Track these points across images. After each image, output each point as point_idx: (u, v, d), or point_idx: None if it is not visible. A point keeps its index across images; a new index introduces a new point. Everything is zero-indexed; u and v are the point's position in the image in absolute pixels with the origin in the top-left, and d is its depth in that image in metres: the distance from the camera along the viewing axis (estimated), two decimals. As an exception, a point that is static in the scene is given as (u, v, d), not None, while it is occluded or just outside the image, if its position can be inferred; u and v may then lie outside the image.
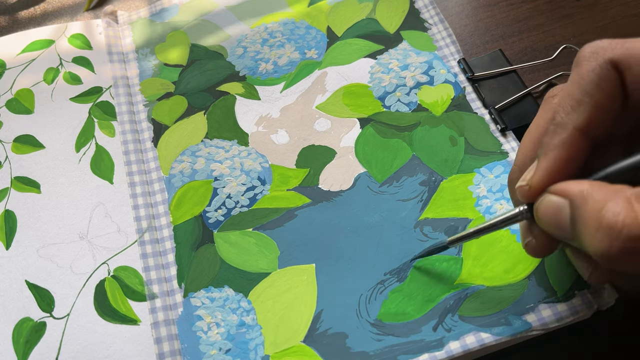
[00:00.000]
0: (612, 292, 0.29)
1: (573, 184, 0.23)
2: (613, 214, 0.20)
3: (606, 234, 0.20)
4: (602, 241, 0.20)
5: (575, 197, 0.22)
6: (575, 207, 0.22)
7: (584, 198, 0.21)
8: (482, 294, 0.31)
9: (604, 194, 0.21)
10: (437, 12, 0.42)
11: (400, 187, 0.35)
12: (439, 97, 0.38)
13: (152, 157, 0.39)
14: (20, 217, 0.37)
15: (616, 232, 0.20)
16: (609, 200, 0.20)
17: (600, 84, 0.23)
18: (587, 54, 0.24)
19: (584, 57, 0.24)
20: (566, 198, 0.22)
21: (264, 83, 0.41)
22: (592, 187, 0.22)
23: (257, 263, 0.34)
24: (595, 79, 0.23)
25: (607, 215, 0.20)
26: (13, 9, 0.49)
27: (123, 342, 0.32)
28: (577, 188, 0.22)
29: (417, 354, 0.29)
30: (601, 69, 0.23)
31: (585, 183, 0.22)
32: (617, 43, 0.24)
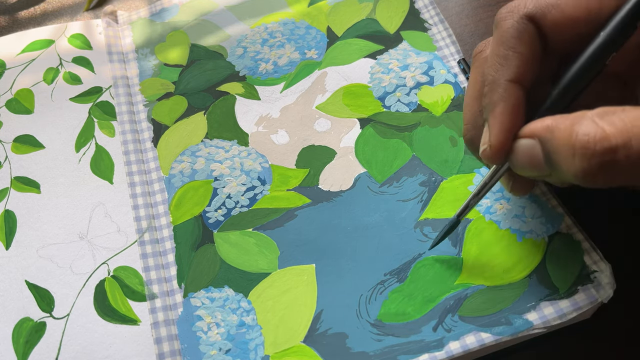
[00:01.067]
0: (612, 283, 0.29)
1: (537, 122, 0.24)
2: (583, 135, 0.21)
3: (582, 154, 0.21)
4: (581, 162, 0.21)
5: (542, 133, 0.23)
6: (545, 142, 0.23)
7: (551, 131, 0.23)
8: (483, 294, 0.31)
9: (568, 122, 0.22)
10: (437, 12, 0.42)
11: (400, 187, 0.35)
12: (439, 98, 0.38)
13: (152, 157, 0.39)
14: (20, 217, 0.37)
15: (591, 150, 0.21)
16: (574, 124, 0.22)
17: (520, 37, 0.26)
18: (504, 14, 0.27)
19: (501, 17, 0.27)
20: (534, 137, 0.24)
21: (264, 83, 0.41)
22: (555, 120, 0.23)
23: (257, 263, 0.34)
24: (515, 33, 0.26)
25: (578, 137, 0.21)
26: (13, 9, 0.49)
27: (123, 342, 0.32)
28: (541, 125, 0.24)
29: (417, 354, 0.29)
30: (519, 24, 0.26)
31: (548, 119, 0.24)
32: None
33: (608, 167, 0.21)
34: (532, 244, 0.32)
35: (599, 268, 0.30)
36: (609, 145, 0.21)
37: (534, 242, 0.32)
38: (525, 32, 0.26)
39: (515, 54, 0.26)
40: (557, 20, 0.26)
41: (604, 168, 0.21)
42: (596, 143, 0.21)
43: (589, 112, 0.22)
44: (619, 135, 0.21)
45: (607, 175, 0.21)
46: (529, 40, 0.26)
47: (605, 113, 0.22)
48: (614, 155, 0.21)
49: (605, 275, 0.29)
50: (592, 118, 0.21)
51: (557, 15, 0.25)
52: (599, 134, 0.21)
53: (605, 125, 0.21)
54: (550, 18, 0.26)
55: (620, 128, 0.21)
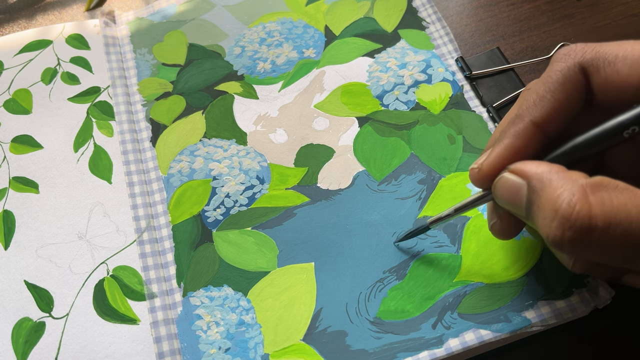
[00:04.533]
0: (608, 290, 0.29)
1: (532, 165, 0.24)
2: (568, 204, 0.21)
3: (560, 222, 0.21)
4: (556, 229, 0.21)
5: (534, 180, 0.23)
6: (533, 191, 0.23)
7: (542, 182, 0.22)
8: (481, 292, 0.31)
9: (562, 182, 0.22)
10: (434, 10, 0.42)
11: (398, 185, 0.35)
12: (437, 96, 0.38)
13: (151, 157, 0.39)
14: (18, 217, 0.37)
15: (570, 222, 0.21)
16: (565, 190, 0.21)
17: (565, 83, 0.25)
18: (561, 55, 0.26)
19: (557, 58, 0.26)
20: (524, 179, 0.23)
21: (262, 82, 0.41)
22: (550, 172, 0.22)
23: (256, 262, 0.34)
24: (561, 79, 0.25)
25: (563, 205, 0.21)
26: (12, 9, 0.49)
27: (122, 342, 0.32)
28: (535, 170, 0.23)
29: (416, 351, 0.30)
30: (568, 70, 0.25)
31: (544, 165, 0.23)
32: (589, 47, 0.25)
33: (579, 243, 0.21)
34: (529, 243, 0.32)
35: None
36: (587, 225, 0.20)
37: (531, 242, 0.32)
38: (571, 81, 0.25)
39: (551, 99, 0.25)
40: (608, 78, 0.24)
41: (574, 242, 0.21)
42: (577, 219, 0.21)
43: (584, 179, 0.22)
44: (602, 218, 0.20)
45: (575, 248, 0.21)
46: (571, 89, 0.25)
47: (601, 186, 0.21)
48: (589, 234, 0.21)
49: (599, 283, 0.29)
50: (584, 187, 0.21)
51: (610, 73, 0.24)
52: (583, 210, 0.21)
53: (594, 201, 0.21)
54: (603, 74, 0.25)
55: (606, 210, 0.20)
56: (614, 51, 0.25)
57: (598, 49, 0.25)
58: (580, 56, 0.25)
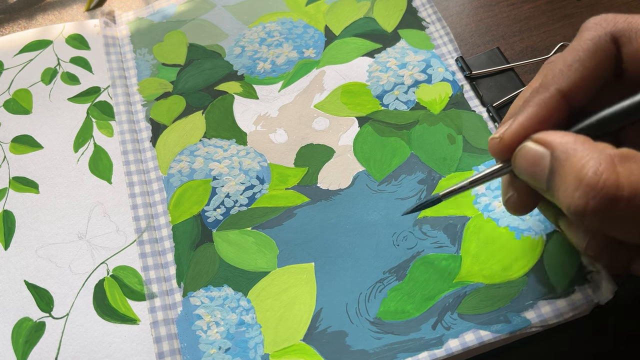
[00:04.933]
0: (611, 286, 0.29)
1: (557, 135, 0.23)
2: (595, 173, 0.20)
3: (584, 191, 0.20)
4: (579, 198, 0.20)
5: (557, 150, 0.22)
6: (556, 160, 0.22)
7: (567, 152, 0.21)
8: (481, 292, 0.31)
9: (588, 151, 0.21)
10: (434, 10, 0.42)
11: (398, 185, 0.35)
12: (437, 96, 0.38)
13: (151, 157, 0.39)
14: (18, 218, 0.37)
15: (595, 190, 0.20)
16: (591, 158, 0.21)
17: (596, 52, 0.24)
18: (591, 24, 0.25)
19: (587, 27, 0.25)
20: (548, 149, 0.23)
21: (262, 82, 0.41)
22: (575, 142, 0.22)
23: (256, 262, 0.34)
24: (592, 47, 0.24)
25: (589, 173, 0.20)
26: (12, 9, 0.49)
27: (122, 342, 0.32)
28: (560, 140, 0.22)
29: (416, 352, 0.30)
30: (600, 39, 0.24)
31: (569, 135, 0.22)
32: (621, 17, 0.24)
33: (603, 212, 0.20)
34: (530, 242, 0.32)
35: (595, 268, 0.30)
36: (613, 194, 0.20)
37: (532, 240, 0.32)
38: (602, 50, 0.24)
39: (580, 68, 0.24)
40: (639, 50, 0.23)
41: (598, 211, 0.20)
42: (604, 187, 0.20)
43: (612, 149, 0.21)
44: (629, 188, 0.20)
45: (598, 219, 0.21)
46: (602, 59, 0.24)
47: (629, 157, 0.20)
48: (614, 204, 0.20)
49: (602, 276, 0.29)
50: (612, 157, 0.20)
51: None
52: (611, 179, 0.20)
53: (621, 170, 0.20)
54: (635, 45, 0.24)
55: (633, 180, 0.20)
56: None
57: (631, 19, 0.24)
58: (612, 25, 0.24)
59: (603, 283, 0.29)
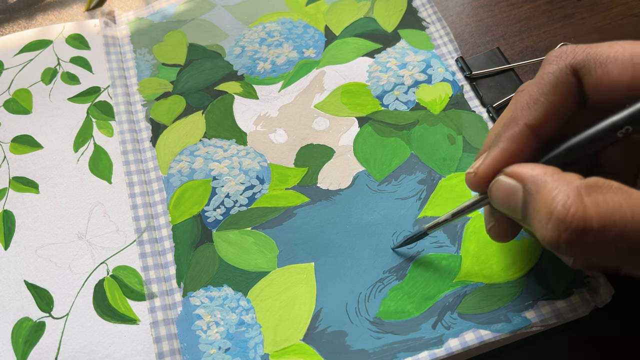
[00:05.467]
0: (608, 289, 0.29)
1: (527, 167, 0.24)
2: (563, 206, 0.21)
3: (555, 224, 0.21)
4: (552, 231, 0.21)
5: (529, 182, 0.23)
6: (528, 193, 0.23)
7: (537, 185, 0.22)
8: (481, 292, 0.31)
9: (556, 183, 0.22)
10: (434, 10, 0.42)
11: (398, 185, 0.35)
12: (437, 96, 0.38)
13: (151, 157, 0.39)
14: (18, 217, 0.37)
15: (565, 224, 0.21)
16: (560, 191, 0.21)
17: (557, 85, 0.25)
18: (552, 57, 0.26)
19: (548, 60, 0.26)
20: (520, 182, 0.23)
21: (262, 82, 0.41)
22: (545, 174, 0.22)
23: (256, 262, 0.34)
24: (553, 81, 0.25)
25: (558, 207, 0.21)
26: (12, 9, 0.49)
27: (122, 342, 0.32)
28: (530, 172, 0.23)
29: (416, 351, 0.30)
30: (560, 72, 0.25)
31: (539, 167, 0.23)
32: (580, 48, 0.25)
33: (574, 244, 0.21)
34: (529, 244, 0.32)
35: (592, 274, 0.30)
36: (583, 226, 0.20)
37: (531, 242, 0.32)
38: (563, 83, 0.25)
39: (545, 102, 0.25)
40: (600, 80, 0.24)
41: (570, 244, 0.21)
42: (572, 220, 0.21)
43: (579, 180, 0.22)
44: (597, 219, 0.20)
45: (571, 250, 0.21)
46: (564, 91, 0.25)
47: (596, 188, 0.21)
48: (584, 236, 0.21)
49: (599, 282, 0.29)
50: (579, 189, 0.21)
51: (601, 74, 0.24)
52: (579, 212, 0.21)
53: (588, 203, 0.21)
54: (594, 76, 0.24)
55: (601, 212, 0.20)
56: (605, 52, 0.25)
57: (589, 50, 0.25)
58: (571, 58, 0.25)
59: (600, 288, 0.29)
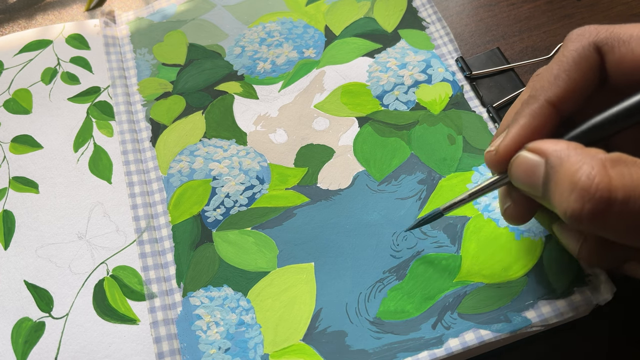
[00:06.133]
0: (610, 287, 0.29)
1: (550, 143, 0.23)
2: (588, 177, 0.21)
3: (580, 195, 0.21)
4: (575, 202, 0.21)
5: (551, 157, 0.23)
6: (551, 167, 0.23)
7: (560, 159, 0.22)
8: (481, 292, 0.31)
9: (580, 157, 0.22)
10: (434, 10, 0.42)
11: (398, 185, 0.35)
12: (437, 96, 0.38)
13: (151, 157, 0.39)
14: (18, 217, 0.37)
15: (590, 194, 0.21)
16: (584, 163, 0.21)
17: (580, 62, 0.25)
18: (574, 35, 0.26)
19: (570, 38, 0.26)
20: (542, 157, 0.23)
21: (262, 82, 0.41)
22: (568, 149, 0.22)
23: (256, 262, 0.34)
24: (576, 57, 0.25)
25: (582, 177, 0.21)
26: (12, 9, 0.49)
27: (122, 342, 0.32)
28: (553, 147, 0.23)
29: (416, 351, 0.29)
30: (583, 49, 0.25)
31: (562, 143, 0.23)
32: (603, 27, 0.25)
33: (598, 216, 0.21)
34: (529, 243, 0.32)
35: (593, 272, 0.30)
36: (607, 196, 0.20)
37: (531, 241, 0.32)
38: (586, 60, 0.25)
39: (566, 78, 0.25)
40: (623, 57, 0.24)
41: (594, 215, 0.21)
42: (597, 190, 0.20)
43: (604, 154, 0.21)
44: (622, 190, 0.20)
45: (594, 222, 0.21)
46: (586, 68, 0.25)
47: (620, 161, 0.21)
48: (608, 207, 0.20)
49: (600, 280, 0.29)
50: (604, 162, 0.21)
51: (625, 52, 0.24)
52: (603, 182, 0.20)
53: (613, 174, 0.20)
54: (618, 53, 0.25)
55: (626, 183, 0.20)
56: (629, 31, 0.25)
57: (612, 29, 0.25)
58: (594, 35, 0.25)
59: (602, 286, 0.29)
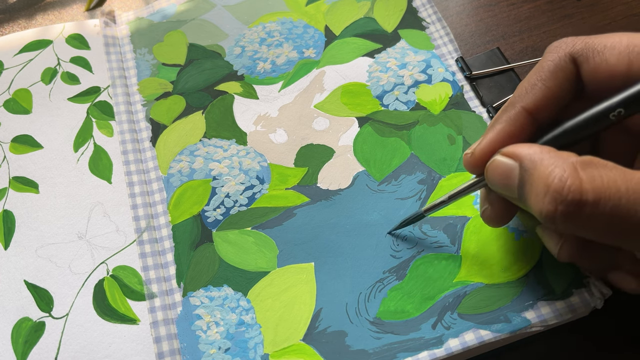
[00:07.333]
0: (606, 289, 0.29)
1: (523, 147, 0.24)
2: (560, 180, 0.22)
3: (552, 197, 0.22)
4: (549, 204, 0.22)
5: (525, 160, 0.24)
6: (525, 170, 0.23)
7: (534, 162, 0.23)
8: (481, 292, 0.31)
9: (553, 160, 0.22)
10: (434, 10, 0.42)
11: (398, 185, 0.35)
12: (437, 96, 0.38)
13: (151, 157, 0.39)
14: (18, 217, 0.37)
15: (562, 196, 0.21)
16: (556, 167, 0.22)
17: (556, 72, 0.26)
18: (552, 47, 0.27)
19: (549, 49, 0.27)
20: (516, 160, 0.24)
21: (262, 82, 0.41)
22: (541, 152, 0.23)
23: (256, 262, 0.34)
24: (552, 67, 0.26)
25: (555, 180, 0.22)
26: (12, 9, 0.49)
27: (122, 342, 0.32)
28: (527, 151, 0.24)
29: (416, 351, 0.30)
30: (559, 60, 0.26)
31: (535, 147, 0.24)
32: (579, 39, 0.26)
33: (571, 217, 0.21)
34: (529, 243, 0.32)
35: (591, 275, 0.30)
36: (579, 199, 0.21)
37: (531, 242, 0.32)
38: (562, 70, 0.26)
39: (543, 87, 0.26)
40: (597, 67, 0.25)
41: (566, 216, 0.22)
42: (569, 193, 0.21)
43: (574, 157, 0.22)
44: (592, 192, 0.21)
45: (567, 222, 0.22)
46: (562, 77, 0.26)
47: (591, 164, 0.22)
48: (580, 208, 0.21)
49: (595, 284, 0.29)
50: (575, 164, 0.22)
51: (599, 62, 0.25)
52: (574, 184, 0.21)
53: (584, 177, 0.21)
54: (592, 63, 0.26)
55: (596, 185, 0.21)
56: (603, 42, 0.26)
57: (587, 40, 0.26)
58: (570, 47, 0.26)
59: (599, 288, 0.29)
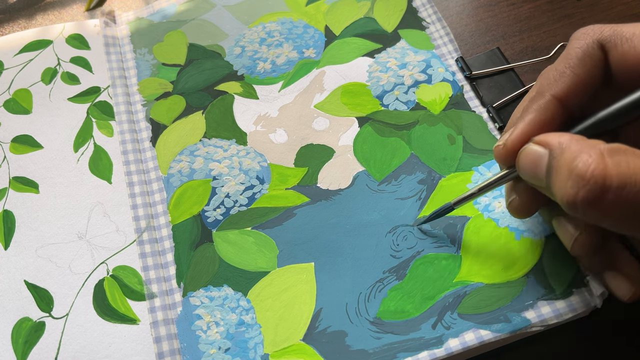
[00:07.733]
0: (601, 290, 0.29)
1: (554, 135, 0.24)
2: (584, 164, 0.21)
3: (575, 181, 0.22)
4: (571, 188, 0.22)
5: (554, 148, 0.24)
6: (553, 157, 0.23)
7: (562, 149, 0.23)
8: (481, 292, 0.31)
9: (580, 146, 0.22)
10: (434, 10, 0.42)
11: (398, 185, 0.35)
12: (437, 96, 0.38)
13: (151, 157, 0.39)
14: (18, 217, 0.37)
15: (585, 180, 0.21)
16: (582, 152, 0.22)
17: (584, 59, 0.26)
18: (579, 34, 0.27)
19: (575, 36, 0.27)
20: (547, 148, 0.24)
21: (262, 82, 0.41)
22: (570, 140, 0.23)
23: (256, 262, 0.34)
24: (580, 54, 0.26)
25: (579, 165, 0.22)
26: (12, 9, 0.49)
27: (122, 342, 0.32)
28: (557, 139, 0.24)
29: (416, 351, 0.30)
30: (587, 47, 0.26)
31: (565, 135, 0.24)
32: (607, 26, 0.26)
33: (592, 202, 0.21)
34: (529, 243, 0.32)
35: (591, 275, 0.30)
36: (602, 183, 0.21)
37: (531, 242, 0.32)
38: (590, 57, 0.26)
39: (572, 74, 0.26)
40: (626, 54, 0.25)
41: (587, 201, 0.21)
42: (592, 177, 0.21)
43: (603, 144, 0.22)
44: (617, 177, 0.21)
45: (588, 209, 0.21)
46: (590, 64, 0.26)
47: (619, 151, 0.22)
48: (603, 194, 0.21)
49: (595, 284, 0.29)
50: (602, 151, 0.22)
51: (627, 48, 0.25)
52: (598, 169, 0.21)
53: (610, 162, 0.21)
54: (621, 50, 0.25)
55: (622, 171, 0.21)
56: (631, 29, 0.25)
57: (616, 27, 0.26)
58: (598, 34, 0.26)
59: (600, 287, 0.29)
